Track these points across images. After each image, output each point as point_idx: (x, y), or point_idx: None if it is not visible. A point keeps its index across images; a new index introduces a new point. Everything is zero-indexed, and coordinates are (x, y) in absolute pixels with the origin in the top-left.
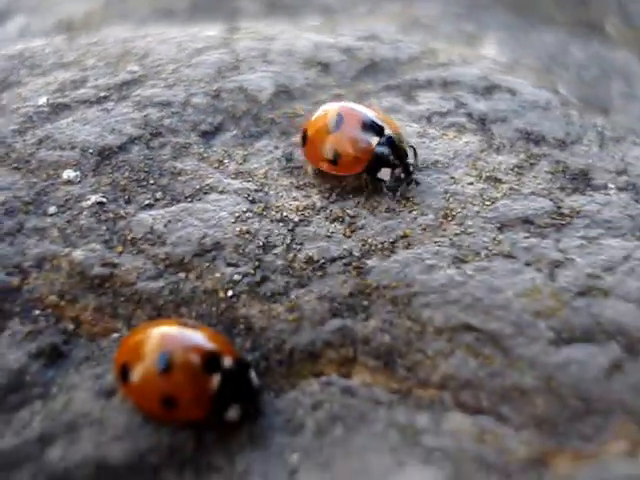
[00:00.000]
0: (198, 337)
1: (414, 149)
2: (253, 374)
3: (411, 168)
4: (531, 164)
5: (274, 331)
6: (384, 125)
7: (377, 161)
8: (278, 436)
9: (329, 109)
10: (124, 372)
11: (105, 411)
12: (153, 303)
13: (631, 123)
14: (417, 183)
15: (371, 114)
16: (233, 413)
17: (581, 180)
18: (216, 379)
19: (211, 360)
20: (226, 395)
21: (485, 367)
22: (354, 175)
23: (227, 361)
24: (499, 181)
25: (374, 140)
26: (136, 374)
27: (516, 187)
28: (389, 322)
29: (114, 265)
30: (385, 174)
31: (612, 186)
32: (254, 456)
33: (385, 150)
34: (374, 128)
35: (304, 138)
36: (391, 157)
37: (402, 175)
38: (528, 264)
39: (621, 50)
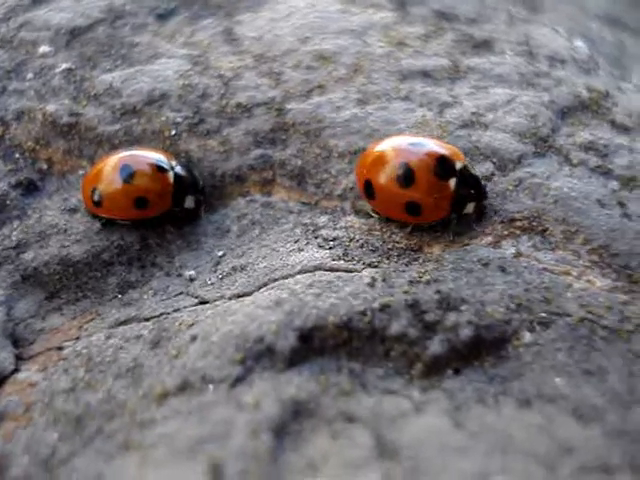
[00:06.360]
0: None
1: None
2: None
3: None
4: (438, 34)
5: (209, 161)
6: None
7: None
8: (209, 240)
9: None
10: None
11: (69, 223)
12: (111, 143)
13: (558, 20)
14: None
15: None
16: (190, 202)
17: (482, 47)
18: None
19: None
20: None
21: None
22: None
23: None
24: (406, 45)
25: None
26: None
27: (420, 50)
28: (302, 150)
29: (79, 115)
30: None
31: (510, 52)
32: (188, 255)
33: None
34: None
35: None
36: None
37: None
38: (421, 105)
39: None
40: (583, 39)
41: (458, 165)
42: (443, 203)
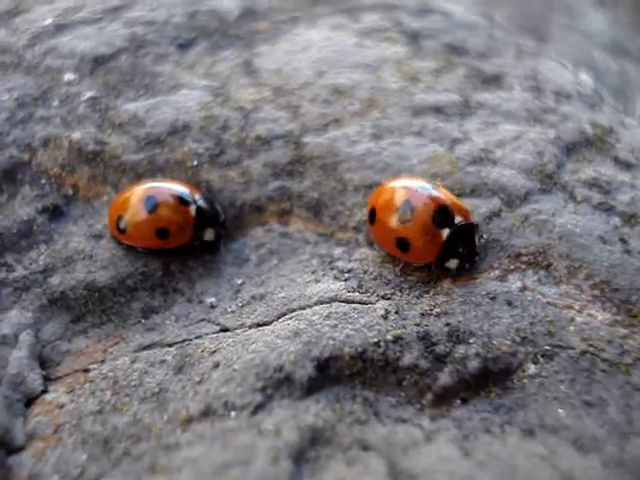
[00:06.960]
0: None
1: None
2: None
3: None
4: (450, 69)
5: (229, 191)
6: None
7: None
8: (229, 268)
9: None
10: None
11: (95, 249)
12: (135, 171)
13: (564, 50)
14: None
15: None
16: (210, 235)
17: (492, 82)
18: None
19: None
20: (202, 225)
21: None
22: None
23: (198, 197)
24: (419, 80)
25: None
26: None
27: (432, 85)
28: (318, 183)
29: (104, 143)
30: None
31: (518, 88)
32: (209, 282)
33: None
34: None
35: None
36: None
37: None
38: (433, 141)
39: None
40: (588, 71)
41: (458, 219)
42: (432, 248)
